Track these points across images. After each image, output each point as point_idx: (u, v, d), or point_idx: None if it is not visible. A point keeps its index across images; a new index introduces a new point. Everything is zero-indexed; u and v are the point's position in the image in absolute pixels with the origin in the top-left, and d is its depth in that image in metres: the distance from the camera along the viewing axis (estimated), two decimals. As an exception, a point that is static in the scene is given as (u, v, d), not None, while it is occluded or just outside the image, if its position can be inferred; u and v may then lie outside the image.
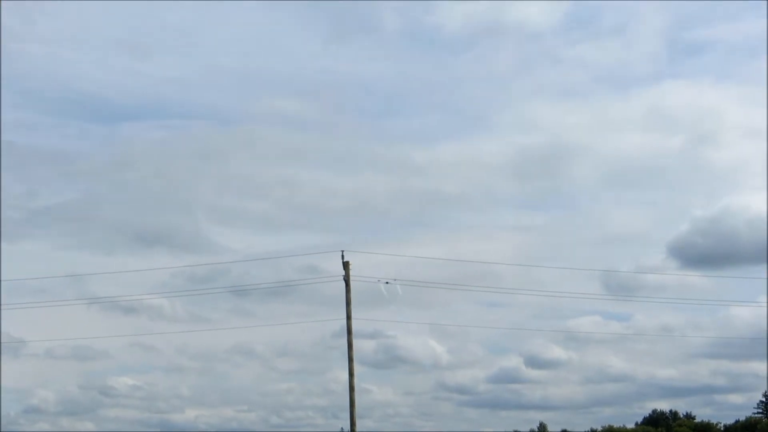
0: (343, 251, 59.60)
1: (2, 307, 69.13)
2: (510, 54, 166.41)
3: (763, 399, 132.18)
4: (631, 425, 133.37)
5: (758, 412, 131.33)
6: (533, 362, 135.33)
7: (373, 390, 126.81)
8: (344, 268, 59.64)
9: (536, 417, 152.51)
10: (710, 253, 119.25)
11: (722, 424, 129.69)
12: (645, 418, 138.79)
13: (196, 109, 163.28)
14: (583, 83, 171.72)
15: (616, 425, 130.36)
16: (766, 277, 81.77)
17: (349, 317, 59.50)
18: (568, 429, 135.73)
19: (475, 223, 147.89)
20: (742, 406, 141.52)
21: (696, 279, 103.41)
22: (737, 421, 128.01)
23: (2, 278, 72.75)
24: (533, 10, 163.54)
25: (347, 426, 59.42)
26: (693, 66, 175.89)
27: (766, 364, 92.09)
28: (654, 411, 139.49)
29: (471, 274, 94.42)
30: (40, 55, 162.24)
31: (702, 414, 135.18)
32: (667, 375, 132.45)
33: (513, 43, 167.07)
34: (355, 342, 59.63)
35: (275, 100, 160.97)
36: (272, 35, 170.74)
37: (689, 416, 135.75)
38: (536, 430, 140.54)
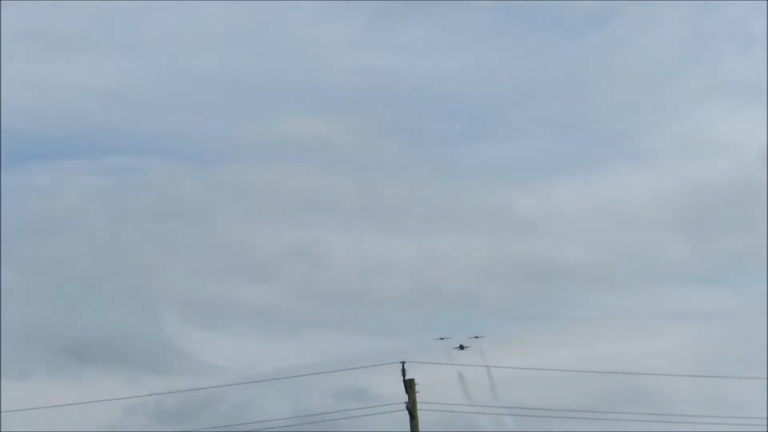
0: (404, 363, 45.89)
1: None
2: (670, 26, 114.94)
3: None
4: None
5: None
6: None
7: None
8: (406, 390, 45.77)
9: None
10: None
11: None
12: None
13: (156, 138, 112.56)
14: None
15: None
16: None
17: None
18: None
19: (618, 309, 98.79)
20: None
21: None
22: None
23: None
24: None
25: None
26: None
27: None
28: None
29: (616, 391, 65.60)
30: None
31: None
32: None
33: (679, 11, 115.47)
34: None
35: (286, 119, 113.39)
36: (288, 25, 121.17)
37: None
38: None
